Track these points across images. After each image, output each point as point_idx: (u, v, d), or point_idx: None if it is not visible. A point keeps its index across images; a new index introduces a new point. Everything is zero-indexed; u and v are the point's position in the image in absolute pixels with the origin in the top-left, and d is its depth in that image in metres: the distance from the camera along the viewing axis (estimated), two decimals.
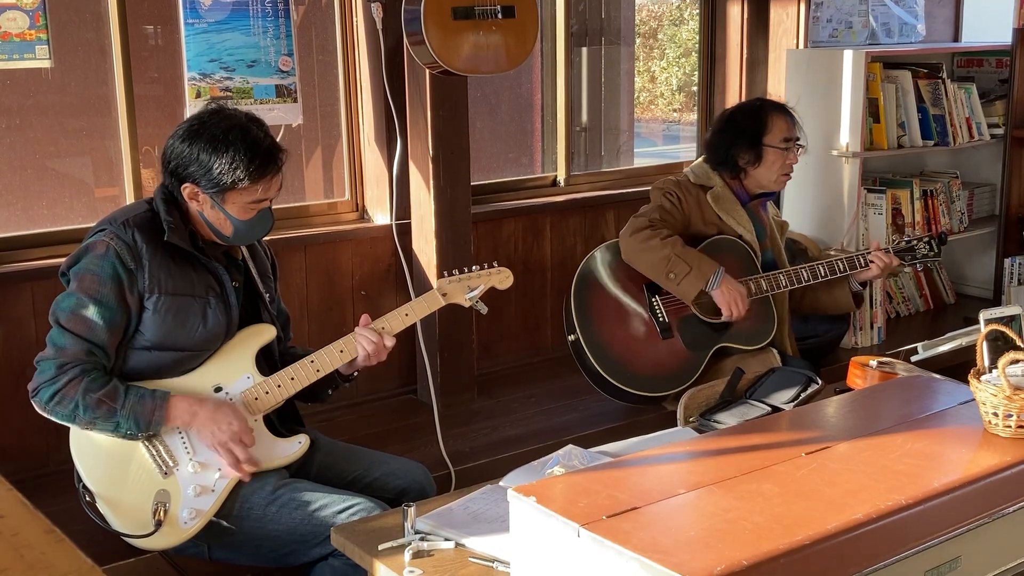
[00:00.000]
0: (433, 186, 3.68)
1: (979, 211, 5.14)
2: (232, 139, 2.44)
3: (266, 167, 2.48)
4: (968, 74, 5.08)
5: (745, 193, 3.61)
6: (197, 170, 2.46)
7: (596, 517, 1.73)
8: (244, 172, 2.44)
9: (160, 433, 2.46)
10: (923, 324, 4.83)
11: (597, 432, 3.47)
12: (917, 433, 2.13)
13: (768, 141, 3.51)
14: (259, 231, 2.59)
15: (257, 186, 2.48)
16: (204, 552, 2.55)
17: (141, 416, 2.40)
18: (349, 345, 2.63)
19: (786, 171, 3.56)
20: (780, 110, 3.59)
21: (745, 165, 3.54)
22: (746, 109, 3.64)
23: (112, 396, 2.38)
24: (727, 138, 3.55)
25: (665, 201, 3.53)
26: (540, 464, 2.42)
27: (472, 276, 2.75)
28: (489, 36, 3.44)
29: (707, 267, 3.40)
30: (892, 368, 2.87)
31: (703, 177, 3.60)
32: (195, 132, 2.47)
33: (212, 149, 2.44)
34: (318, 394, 2.76)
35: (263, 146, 2.48)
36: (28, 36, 3.10)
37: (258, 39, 3.52)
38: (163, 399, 2.43)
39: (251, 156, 2.45)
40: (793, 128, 3.57)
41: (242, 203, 2.49)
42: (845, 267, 3.56)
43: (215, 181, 2.45)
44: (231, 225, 2.51)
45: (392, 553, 2.14)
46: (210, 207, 2.49)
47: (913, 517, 1.80)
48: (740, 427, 2.45)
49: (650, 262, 3.42)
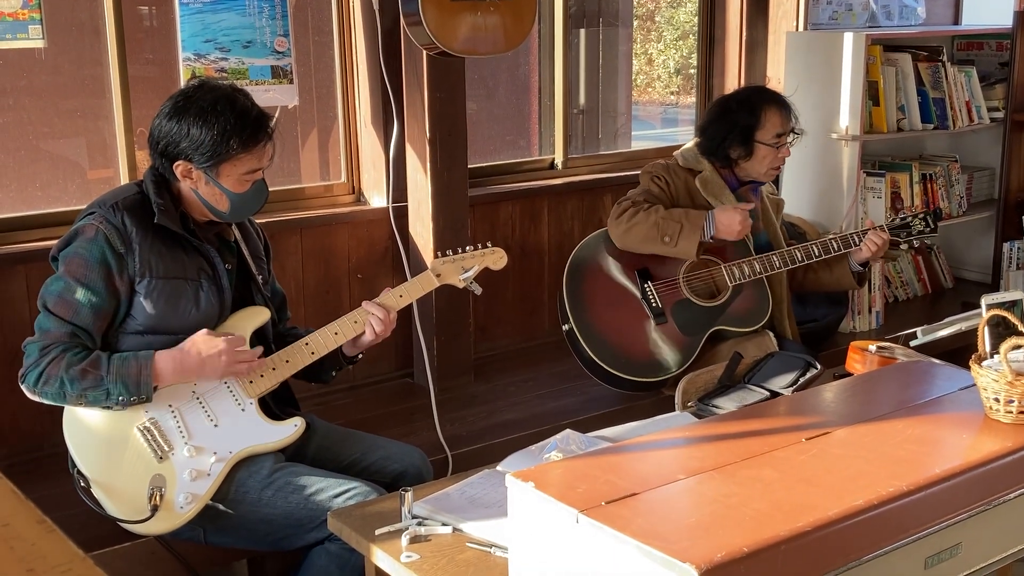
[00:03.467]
0: (430, 169, 3.65)
1: (978, 195, 5.12)
2: (221, 109, 2.42)
3: (257, 133, 2.46)
4: (968, 57, 5.05)
5: (735, 179, 3.58)
6: (188, 145, 2.43)
7: (595, 503, 1.72)
8: (236, 141, 2.42)
9: (155, 416, 2.44)
10: (921, 308, 4.81)
11: (595, 416, 3.46)
12: (917, 419, 2.12)
13: (760, 137, 3.48)
14: (255, 204, 2.57)
15: (250, 155, 2.46)
16: (200, 536, 2.54)
17: (128, 378, 2.37)
18: (344, 327, 2.61)
19: (777, 164, 3.54)
20: (775, 103, 3.53)
21: (736, 158, 3.52)
22: (741, 99, 3.58)
23: (95, 365, 2.36)
24: (720, 130, 3.52)
25: (653, 186, 3.51)
26: (538, 449, 2.41)
27: (466, 256, 2.73)
28: (487, 17, 3.41)
29: (696, 216, 3.39)
30: (891, 353, 2.86)
31: (692, 161, 3.57)
32: (182, 108, 2.45)
33: (202, 122, 2.42)
34: (321, 375, 2.75)
35: (252, 114, 2.46)
36: (21, 16, 3.06)
37: (253, 19, 3.49)
38: (147, 357, 2.40)
39: (242, 124, 2.43)
40: (787, 122, 3.52)
41: (236, 175, 2.47)
42: (839, 246, 3.53)
43: (208, 154, 2.42)
44: (227, 200, 2.49)
45: (389, 538, 2.13)
46: (204, 183, 2.47)
47: (914, 504, 1.79)
48: (739, 412, 2.44)
49: (641, 235, 3.40)
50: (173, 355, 2.43)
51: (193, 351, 2.43)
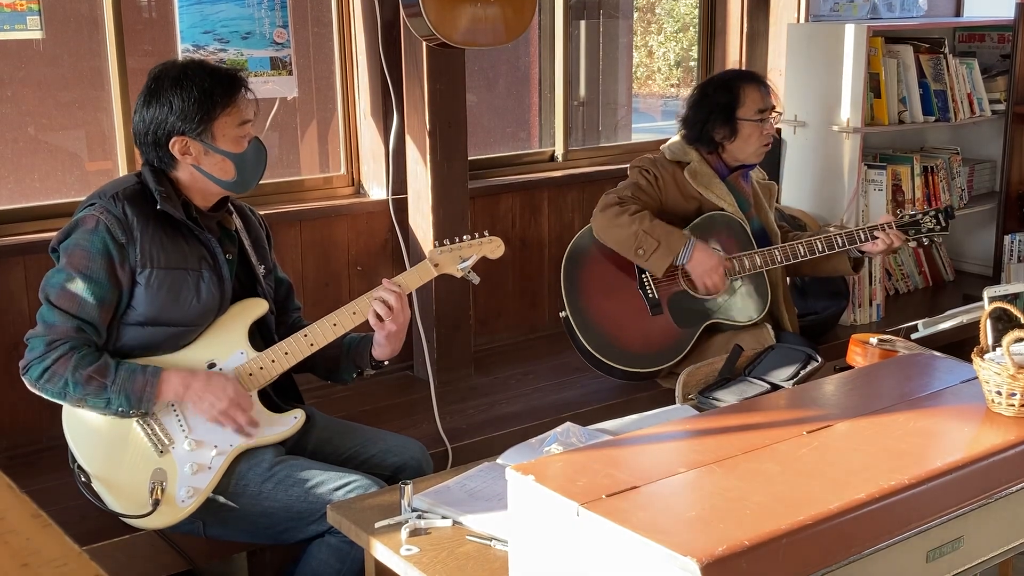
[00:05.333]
0: (430, 160, 3.64)
1: (979, 187, 5.11)
2: (192, 73, 2.46)
3: (235, 82, 2.50)
4: (969, 49, 5.04)
5: (724, 166, 3.55)
6: (176, 118, 2.44)
7: (595, 496, 1.71)
8: (219, 94, 2.45)
9: (155, 411, 2.44)
10: (922, 301, 4.81)
11: (595, 409, 3.46)
12: (919, 412, 2.11)
13: (742, 115, 3.46)
14: (258, 166, 2.57)
15: (235, 106, 2.48)
16: (199, 529, 2.53)
17: (132, 392, 2.37)
18: (343, 318, 2.59)
19: (765, 142, 3.51)
20: (752, 80, 3.53)
21: (721, 140, 3.50)
22: (717, 83, 3.57)
23: (103, 372, 2.35)
24: (701, 114, 3.50)
25: (641, 179, 3.50)
26: (538, 442, 2.41)
27: (464, 246, 2.72)
28: (487, 8, 3.40)
29: (676, 241, 3.36)
30: (892, 346, 2.85)
31: (679, 153, 3.55)
32: (155, 90, 2.47)
33: (180, 90, 2.44)
34: (342, 374, 2.75)
35: (223, 70, 2.52)
36: (19, 6, 3.05)
37: (252, 10, 3.48)
38: (154, 375, 2.40)
39: (217, 78, 2.47)
40: (767, 98, 3.50)
41: (231, 134, 2.48)
42: (844, 242, 3.50)
43: (197, 118, 2.44)
44: (231, 163, 2.49)
45: (389, 531, 2.13)
46: (204, 153, 2.47)
47: (915, 497, 1.78)
48: (740, 405, 2.43)
49: (619, 239, 3.39)
50: (182, 379, 2.44)
51: (201, 384, 2.44)
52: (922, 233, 3.48)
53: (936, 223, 3.49)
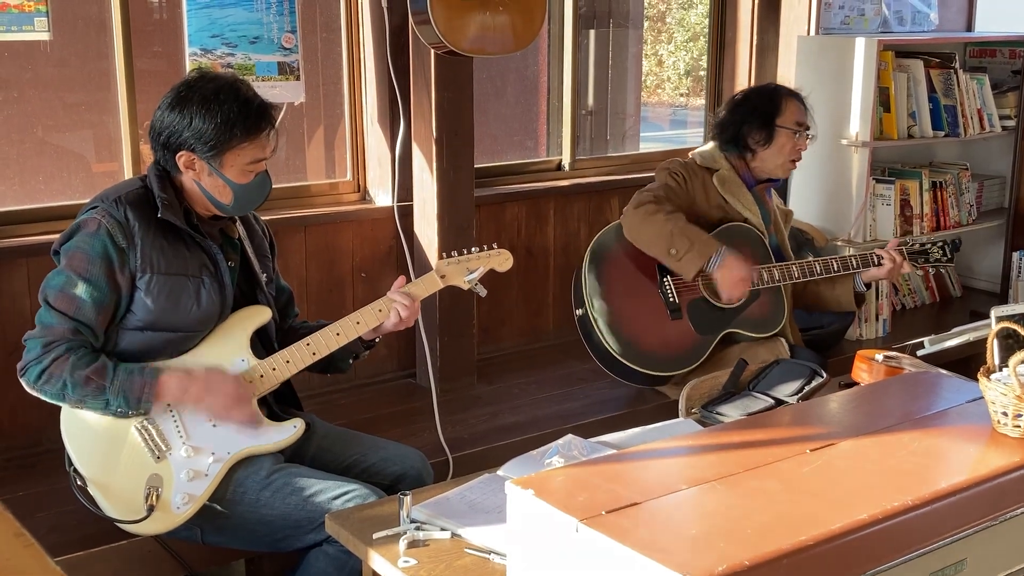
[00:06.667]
0: (436, 168, 3.63)
1: (988, 203, 5.08)
2: (223, 98, 2.40)
3: (260, 122, 2.44)
4: (980, 64, 5.01)
5: (751, 177, 3.58)
6: (191, 135, 2.41)
7: (595, 512, 1.69)
8: (240, 129, 2.40)
9: (153, 416, 2.42)
10: (929, 317, 4.78)
11: (597, 420, 3.44)
12: (924, 431, 2.09)
13: (781, 122, 3.49)
14: (258, 197, 2.54)
15: (253, 144, 2.44)
16: (197, 536, 2.52)
17: (131, 393, 2.36)
18: (346, 327, 2.59)
19: (794, 157, 3.54)
20: (794, 96, 3.59)
21: (755, 145, 3.51)
22: (760, 90, 3.64)
23: (100, 373, 2.34)
24: (739, 116, 3.54)
25: (671, 180, 3.50)
26: (539, 454, 2.39)
27: (471, 258, 2.71)
28: (496, 16, 3.39)
29: (709, 246, 3.36)
30: (898, 363, 2.83)
31: (709, 160, 3.57)
32: (184, 98, 2.42)
33: (205, 111, 2.39)
34: (339, 364, 2.73)
35: (255, 103, 2.45)
36: (27, 8, 3.05)
37: (261, 15, 3.47)
38: (153, 376, 2.39)
39: (245, 112, 2.41)
40: (804, 115, 3.55)
41: (240, 165, 2.44)
42: (858, 264, 3.52)
43: (211, 143, 2.40)
44: (230, 191, 2.46)
45: (387, 542, 2.11)
46: (207, 174, 2.45)
47: (919, 518, 1.76)
48: (744, 421, 2.41)
49: (652, 236, 3.38)
50: (180, 380, 2.42)
51: (200, 383, 2.42)
52: (929, 263, 3.55)
53: (943, 254, 3.57)
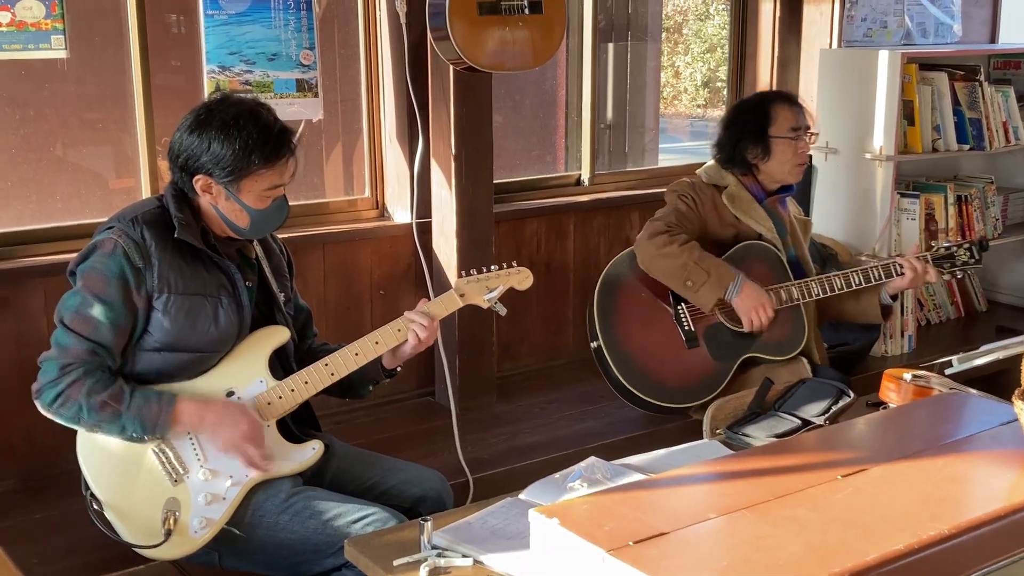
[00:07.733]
0: (455, 184, 3.60)
1: (1013, 217, 5.02)
2: (243, 124, 2.37)
3: (280, 149, 2.41)
4: (1005, 76, 4.95)
5: (761, 190, 3.50)
6: (209, 160, 2.38)
7: (622, 543, 1.64)
8: (259, 155, 2.37)
9: (170, 439, 2.39)
10: (954, 332, 4.72)
11: (619, 440, 3.40)
12: (957, 455, 2.04)
13: (774, 132, 3.42)
14: (275, 221, 2.51)
15: (272, 170, 2.41)
16: (215, 560, 2.48)
17: (147, 419, 2.33)
18: (365, 347, 2.55)
19: (799, 160, 3.46)
20: (782, 99, 3.50)
21: (754, 160, 3.45)
22: (748, 103, 3.56)
23: (117, 398, 2.31)
24: (733, 134, 3.47)
25: (681, 204, 3.44)
26: (562, 477, 2.34)
27: (491, 276, 2.67)
28: (515, 32, 3.36)
29: (726, 275, 3.31)
30: (927, 382, 2.77)
31: (716, 177, 3.50)
32: (203, 121, 2.40)
33: (223, 136, 2.37)
34: (359, 390, 2.71)
35: (275, 129, 2.41)
36: (44, 25, 3.04)
37: (279, 32, 3.45)
38: (170, 402, 2.36)
39: (264, 139, 2.38)
40: (800, 117, 3.47)
41: (257, 191, 2.42)
42: (881, 275, 3.43)
43: (228, 169, 2.37)
44: (247, 216, 2.44)
45: (407, 569, 2.07)
46: (224, 198, 2.42)
47: (956, 548, 1.71)
48: (772, 446, 2.36)
49: (668, 269, 3.33)
50: (197, 409, 2.39)
51: (215, 416, 2.39)
52: (956, 266, 3.43)
53: (970, 255, 3.45)
